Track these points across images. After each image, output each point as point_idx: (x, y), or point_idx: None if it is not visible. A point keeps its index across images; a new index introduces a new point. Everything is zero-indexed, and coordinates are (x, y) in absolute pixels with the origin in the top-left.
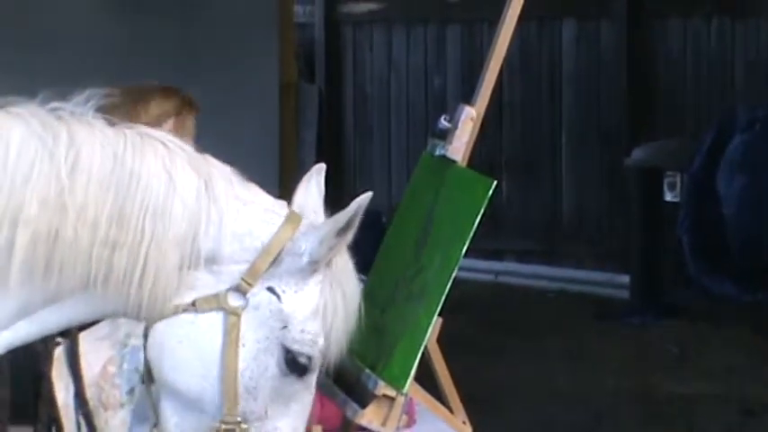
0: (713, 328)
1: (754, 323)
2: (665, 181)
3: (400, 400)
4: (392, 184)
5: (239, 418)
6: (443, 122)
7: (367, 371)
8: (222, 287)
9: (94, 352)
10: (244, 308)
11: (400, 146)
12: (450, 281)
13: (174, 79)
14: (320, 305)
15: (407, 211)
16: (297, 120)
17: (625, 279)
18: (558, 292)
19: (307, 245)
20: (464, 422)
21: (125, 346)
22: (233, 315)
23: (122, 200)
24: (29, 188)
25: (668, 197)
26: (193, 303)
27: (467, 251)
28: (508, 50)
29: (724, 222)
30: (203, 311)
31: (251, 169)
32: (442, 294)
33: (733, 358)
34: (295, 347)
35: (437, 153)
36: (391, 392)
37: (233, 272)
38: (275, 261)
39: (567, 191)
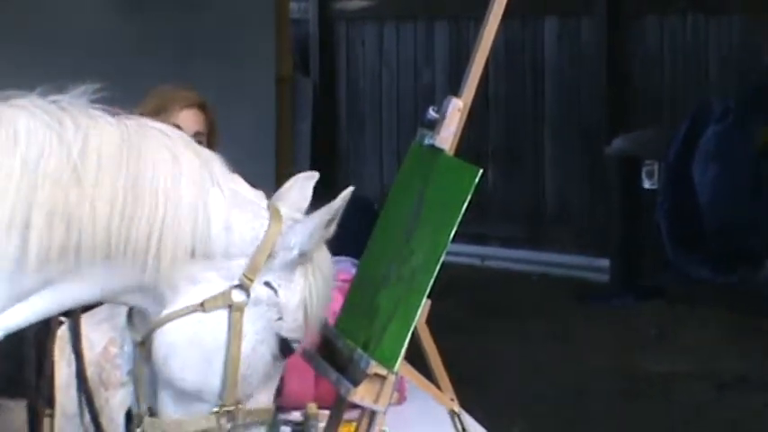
0: (689, 309)
1: (728, 303)
2: (643, 169)
3: (391, 378)
4: (383, 172)
5: (236, 401)
6: (432, 113)
7: (359, 351)
8: (226, 283)
9: (96, 332)
10: (246, 304)
11: (391, 136)
12: (439, 265)
13: (173, 74)
14: (306, 293)
15: (398, 198)
16: (292, 112)
17: (605, 263)
18: (542, 275)
19: (296, 239)
20: (452, 399)
21: (125, 328)
22: (237, 311)
23: (134, 177)
24: (40, 171)
25: (646, 185)
26: (202, 304)
27: (454, 236)
28: (493, 46)
29: (699, 209)
30: (210, 310)
31: (248, 159)
32: (430, 277)
33: (708, 337)
34: (289, 335)
35: (426, 142)
36: (383, 371)
37: (233, 267)
38: (270, 256)
39: (549, 179)
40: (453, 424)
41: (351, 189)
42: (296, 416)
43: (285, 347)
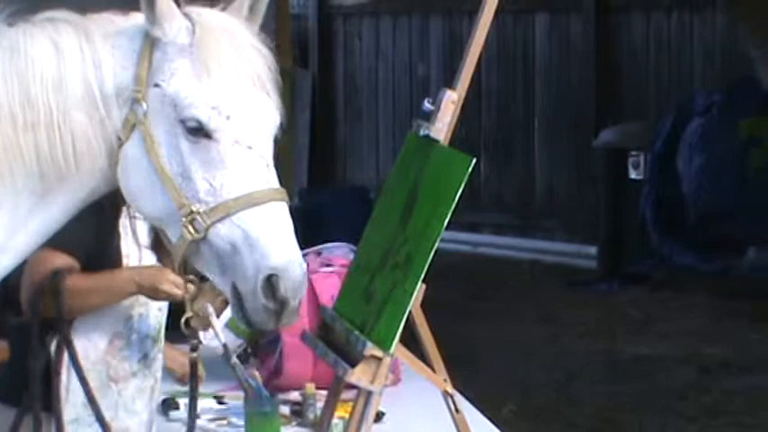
0: (673, 295)
1: (711, 289)
2: (630, 160)
3: (387, 360)
4: (379, 162)
5: (190, 204)
6: (427, 105)
7: (356, 333)
8: (127, 110)
9: (96, 331)
10: (146, 113)
11: (387, 127)
12: (433, 251)
13: None
14: (197, 68)
15: (394, 186)
16: (292, 103)
17: (593, 250)
18: (532, 262)
19: (162, 32)
20: (445, 380)
21: (130, 317)
22: (142, 124)
23: (26, 84)
24: None
25: (632, 175)
26: (119, 137)
27: (448, 224)
28: (486, 40)
29: (683, 198)
30: (127, 139)
31: None
32: (425, 263)
33: (691, 322)
34: (185, 114)
35: (421, 133)
36: (378, 353)
37: (129, 91)
38: (150, 63)
39: (539, 169)
40: (446, 404)
41: None
42: (295, 396)
43: (193, 129)
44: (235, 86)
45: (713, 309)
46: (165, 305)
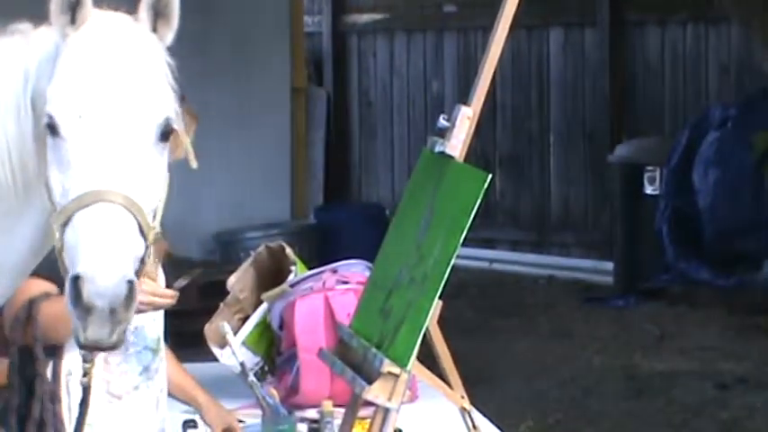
0: (690, 310)
1: (727, 304)
2: (645, 175)
3: (404, 376)
4: (395, 179)
5: (54, 210)
6: (442, 121)
7: (373, 350)
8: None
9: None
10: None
11: (402, 144)
12: (449, 268)
13: (195, 85)
14: (61, 66)
15: (409, 203)
16: (307, 121)
17: (609, 266)
18: (548, 278)
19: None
20: (462, 396)
21: None
22: (45, 132)
23: None
24: None
25: (648, 190)
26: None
27: (464, 240)
28: (501, 56)
29: (699, 213)
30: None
31: (265, 165)
32: (441, 280)
33: (708, 337)
34: (44, 111)
35: (436, 150)
36: (396, 370)
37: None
38: (55, 66)
39: (554, 185)
40: (464, 420)
41: None
42: (312, 414)
43: (47, 124)
44: (90, 85)
45: (730, 324)
46: (159, 315)
